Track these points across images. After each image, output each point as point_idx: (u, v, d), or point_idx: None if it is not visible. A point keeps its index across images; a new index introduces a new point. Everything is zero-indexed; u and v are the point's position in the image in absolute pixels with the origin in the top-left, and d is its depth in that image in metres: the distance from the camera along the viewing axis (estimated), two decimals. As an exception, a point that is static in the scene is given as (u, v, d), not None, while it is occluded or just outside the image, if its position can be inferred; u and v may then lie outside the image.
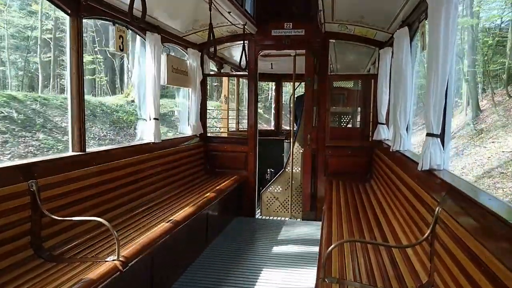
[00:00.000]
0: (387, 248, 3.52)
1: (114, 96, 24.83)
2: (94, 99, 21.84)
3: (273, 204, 7.44)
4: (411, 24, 4.52)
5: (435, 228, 2.69)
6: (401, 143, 4.65)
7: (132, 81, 22.67)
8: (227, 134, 9.22)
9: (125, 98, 22.65)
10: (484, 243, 1.94)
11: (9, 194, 2.97)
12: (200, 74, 6.99)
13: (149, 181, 5.15)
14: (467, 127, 25.42)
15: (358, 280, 2.92)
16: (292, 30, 6.86)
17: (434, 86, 3.07)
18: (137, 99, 18.87)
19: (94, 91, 27.13)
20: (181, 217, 4.34)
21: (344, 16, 5.78)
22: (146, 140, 5.47)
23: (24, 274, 2.86)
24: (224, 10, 5.32)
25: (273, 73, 10.64)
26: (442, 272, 2.44)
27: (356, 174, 6.72)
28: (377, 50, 6.57)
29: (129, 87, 23.47)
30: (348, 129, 8.51)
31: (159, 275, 4.15)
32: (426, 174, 3.23)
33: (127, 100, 22.47)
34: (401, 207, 3.83)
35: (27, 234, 3.12)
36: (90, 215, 3.82)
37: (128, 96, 22.84)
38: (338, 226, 4.27)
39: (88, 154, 4.10)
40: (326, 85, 6.86)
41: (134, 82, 20.39)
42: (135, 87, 20.43)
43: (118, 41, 4.66)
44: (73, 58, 3.99)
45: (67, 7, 3.86)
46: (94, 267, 2.94)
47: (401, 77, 4.56)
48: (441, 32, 2.97)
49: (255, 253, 5.53)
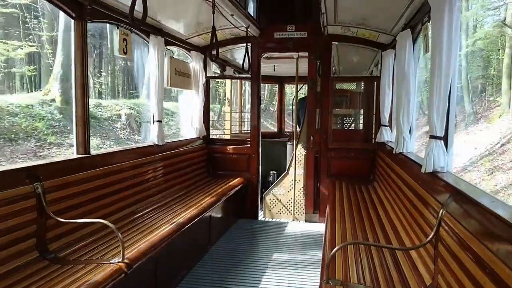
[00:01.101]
0: (391, 250, 3.52)
1: (32, 93, 19.84)
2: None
3: (276, 206, 7.44)
4: (413, 27, 4.53)
5: (439, 230, 2.69)
6: (404, 145, 4.65)
7: (54, 73, 18.20)
8: (230, 136, 9.24)
9: (43, 97, 17.53)
10: (489, 245, 1.94)
11: (15, 197, 2.99)
12: (203, 77, 7.01)
13: (152, 183, 5.17)
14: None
15: (362, 282, 2.92)
16: (294, 32, 6.88)
17: (437, 89, 3.07)
18: (58, 97, 17.21)
19: (11, 86, 22.40)
20: (184, 219, 4.36)
21: (347, 18, 5.79)
22: (150, 142, 5.49)
23: (29, 276, 2.87)
24: (227, 13, 5.35)
25: (276, 75, 10.66)
26: (446, 275, 2.44)
27: (359, 176, 6.72)
28: (379, 52, 6.58)
29: (50, 82, 18.29)
30: (351, 131, 8.52)
31: (163, 276, 4.16)
32: (429, 176, 3.23)
33: (44, 99, 17.25)
34: (405, 209, 3.83)
35: (32, 236, 3.14)
36: (94, 217, 3.84)
37: (48, 93, 17.75)
38: (342, 228, 4.28)
39: (93, 157, 4.12)
40: (329, 87, 6.87)
41: (56, 73, 17.77)
42: (57, 81, 17.55)
43: (122, 44, 4.68)
44: (78, 61, 4.02)
45: (72, 10, 3.89)
46: (99, 269, 2.96)
47: (404, 79, 4.56)
48: (444, 34, 2.98)
49: (258, 255, 5.54)
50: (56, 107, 17.12)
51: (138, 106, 22.49)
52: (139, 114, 21.66)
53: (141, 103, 23.37)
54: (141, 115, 21.60)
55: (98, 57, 26.36)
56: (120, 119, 19.94)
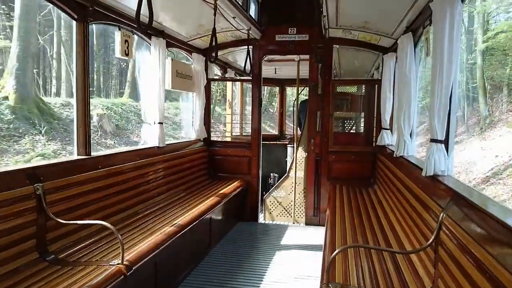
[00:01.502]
0: (391, 253, 3.52)
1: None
2: None
3: (276, 208, 7.43)
4: (415, 30, 4.54)
5: (439, 234, 2.69)
6: (405, 148, 4.65)
7: (8, 67, 15.98)
8: (230, 139, 9.25)
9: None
10: (489, 249, 1.93)
11: (15, 198, 2.99)
12: (204, 79, 7.02)
13: (153, 185, 5.17)
14: None
15: (362, 285, 2.92)
16: (296, 35, 6.89)
17: (439, 92, 3.08)
18: (12, 94, 14.81)
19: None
20: (184, 221, 4.35)
21: (348, 21, 5.80)
22: (151, 144, 5.49)
23: (29, 277, 2.87)
24: (228, 16, 5.36)
25: (277, 78, 10.67)
26: (446, 279, 2.43)
27: (359, 179, 6.71)
28: (380, 56, 6.58)
29: (4, 77, 16.08)
30: (351, 134, 8.52)
31: (163, 279, 4.15)
32: (430, 180, 3.23)
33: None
34: (405, 212, 3.83)
35: (32, 237, 3.14)
36: (94, 218, 3.84)
37: (1, 90, 15.52)
38: (342, 231, 4.27)
39: (93, 158, 4.12)
40: (330, 90, 6.87)
41: (11, 68, 15.48)
42: (12, 76, 15.33)
43: (123, 46, 4.69)
44: (79, 62, 4.03)
45: (74, 12, 3.90)
46: (98, 271, 2.96)
47: (405, 82, 4.57)
48: (446, 38, 2.98)
49: (258, 257, 5.53)
50: (8, 106, 14.88)
51: (118, 106, 20.83)
52: (116, 115, 19.94)
53: (123, 102, 21.79)
54: (121, 116, 19.73)
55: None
56: (92, 120, 17.34)
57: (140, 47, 12.48)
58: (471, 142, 23.30)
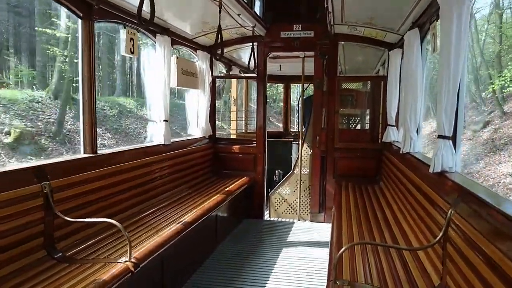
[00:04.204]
0: (398, 250, 3.50)
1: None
2: None
3: (281, 205, 7.43)
4: (421, 26, 4.50)
5: (448, 230, 2.67)
6: (411, 145, 4.62)
7: None
8: (235, 136, 9.25)
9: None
10: (498, 245, 1.92)
11: (22, 196, 3.01)
12: (209, 76, 7.01)
13: (159, 182, 5.19)
14: None
15: (370, 282, 2.91)
16: (301, 32, 6.86)
17: (446, 88, 3.05)
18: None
19: None
20: (191, 219, 4.36)
21: (354, 17, 5.77)
22: (156, 142, 5.50)
23: (37, 275, 2.89)
24: (233, 13, 5.35)
25: (282, 74, 10.64)
26: (455, 275, 2.42)
27: (365, 176, 6.69)
28: (386, 52, 6.54)
29: None
30: (357, 131, 8.48)
31: (170, 276, 4.17)
32: (437, 176, 3.21)
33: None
34: (412, 209, 3.81)
35: (40, 236, 3.16)
36: (101, 216, 3.86)
37: None
38: (348, 228, 4.26)
39: (100, 156, 4.14)
40: (335, 87, 6.84)
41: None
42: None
43: (128, 44, 4.70)
44: (85, 61, 4.04)
45: (80, 10, 3.91)
46: (106, 268, 2.97)
47: (411, 78, 4.53)
48: (453, 33, 2.95)
49: (264, 255, 5.53)
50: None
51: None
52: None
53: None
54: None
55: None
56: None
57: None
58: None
